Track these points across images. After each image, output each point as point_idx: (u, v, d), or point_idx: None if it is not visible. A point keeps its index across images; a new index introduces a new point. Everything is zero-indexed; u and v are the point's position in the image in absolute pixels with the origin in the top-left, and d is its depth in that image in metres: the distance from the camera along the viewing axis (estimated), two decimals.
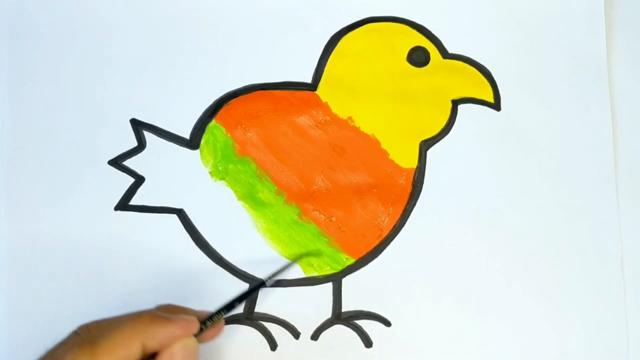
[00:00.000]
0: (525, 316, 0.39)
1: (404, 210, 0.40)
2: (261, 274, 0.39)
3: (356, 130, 0.40)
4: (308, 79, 0.41)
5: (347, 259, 0.39)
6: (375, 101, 0.40)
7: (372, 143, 0.40)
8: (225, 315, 0.34)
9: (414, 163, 0.40)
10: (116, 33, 0.41)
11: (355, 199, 0.40)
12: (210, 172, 0.39)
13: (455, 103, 0.40)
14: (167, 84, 0.40)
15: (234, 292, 0.39)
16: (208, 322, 0.33)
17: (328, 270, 0.39)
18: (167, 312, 0.32)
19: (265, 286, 0.37)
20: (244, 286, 0.39)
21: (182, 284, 0.39)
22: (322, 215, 0.39)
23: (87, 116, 0.40)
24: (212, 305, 0.39)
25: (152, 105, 0.40)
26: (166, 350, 0.30)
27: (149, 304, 0.39)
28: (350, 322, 0.39)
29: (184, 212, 0.39)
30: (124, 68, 0.40)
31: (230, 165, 0.40)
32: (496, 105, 0.41)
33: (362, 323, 0.39)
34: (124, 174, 0.40)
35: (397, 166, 0.40)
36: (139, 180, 0.40)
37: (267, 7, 0.41)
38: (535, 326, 0.39)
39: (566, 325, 0.39)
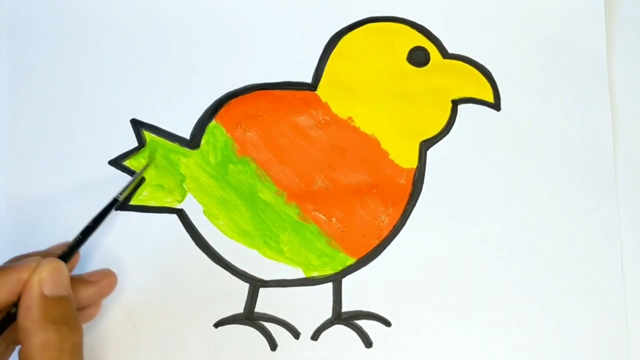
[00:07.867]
0: (525, 316, 0.39)
1: (404, 210, 0.40)
2: (261, 273, 0.39)
3: (356, 130, 0.40)
4: (308, 79, 0.41)
5: (347, 259, 0.39)
6: (375, 101, 0.40)
7: (372, 143, 0.40)
8: (80, 246, 0.35)
9: (414, 163, 0.40)
10: (116, 33, 0.41)
11: (355, 199, 0.40)
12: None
13: (455, 103, 0.40)
14: (167, 84, 0.40)
15: (233, 292, 0.39)
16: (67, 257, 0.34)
17: (328, 271, 0.39)
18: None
19: (118, 202, 0.37)
20: (244, 286, 0.39)
21: (182, 284, 0.39)
22: (322, 215, 0.39)
23: (87, 116, 0.40)
24: (211, 305, 0.39)
25: (152, 105, 0.40)
26: (25, 286, 0.30)
27: (149, 303, 0.39)
28: (350, 322, 0.39)
29: (184, 212, 0.39)
30: (124, 68, 0.40)
31: (230, 165, 0.40)
32: (496, 105, 0.41)
33: (362, 323, 0.39)
34: (124, 174, 0.40)
35: (397, 166, 0.40)
36: (139, 180, 0.39)
37: (267, 7, 0.41)
38: (535, 326, 0.39)
39: (566, 325, 0.39)
